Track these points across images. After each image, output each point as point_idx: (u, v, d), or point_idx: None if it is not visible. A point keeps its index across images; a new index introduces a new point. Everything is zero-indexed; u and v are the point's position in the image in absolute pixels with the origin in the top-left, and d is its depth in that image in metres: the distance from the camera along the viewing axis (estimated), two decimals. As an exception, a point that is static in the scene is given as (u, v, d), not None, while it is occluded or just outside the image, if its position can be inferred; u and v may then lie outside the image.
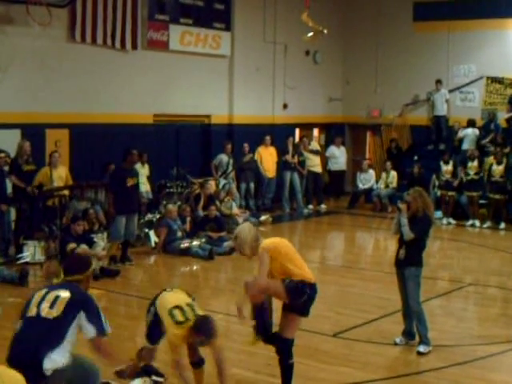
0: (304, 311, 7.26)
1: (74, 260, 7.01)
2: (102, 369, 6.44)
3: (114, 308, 11.42)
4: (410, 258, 8.77)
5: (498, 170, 18.30)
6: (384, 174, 20.84)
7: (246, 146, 19.61)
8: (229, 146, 19.15)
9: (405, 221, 8.71)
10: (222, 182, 18.56)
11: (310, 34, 17.20)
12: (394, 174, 20.69)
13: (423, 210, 8.74)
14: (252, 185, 19.76)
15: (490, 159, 18.86)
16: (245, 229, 7.37)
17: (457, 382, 7.95)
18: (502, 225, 18.11)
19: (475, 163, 18.75)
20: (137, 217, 14.24)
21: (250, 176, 19.65)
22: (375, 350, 8.94)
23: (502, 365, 8.73)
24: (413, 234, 8.68)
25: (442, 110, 21.67)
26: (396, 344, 9.04)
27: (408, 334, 9.06)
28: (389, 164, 20.87)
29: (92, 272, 6.22)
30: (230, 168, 19.06)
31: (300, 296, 7.06)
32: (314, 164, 21.17)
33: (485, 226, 18.30)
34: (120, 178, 13.68)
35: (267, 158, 20.10)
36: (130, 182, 13.70)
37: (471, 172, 18.69)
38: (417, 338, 8.94)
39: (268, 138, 20.03)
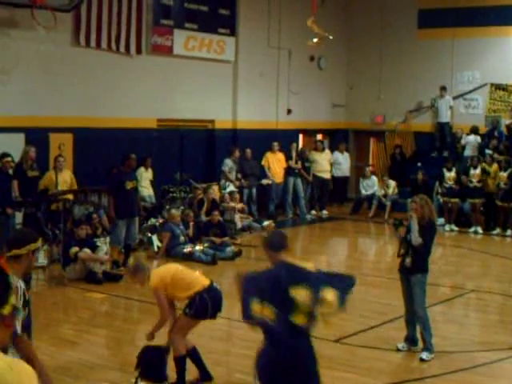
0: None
1: (16, 234, 6.10)
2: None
3: (116, 312, 11.46)
4: (416, 265, 8.77)
5: (502, 176, 18.29)
6: (382, 184, 20.76)
7: (249, 152, 19.56)
8: (236, 151, 19.07)
9: (416, 227, 8.70)
10: (229, 188, 18.49)
11: (316, 39, 17.22)
12: (392, 184, 20.64)
13: (428, 217, 8.75)
14: (254, 190, 19.73)
15: (495, 166, 18.86)
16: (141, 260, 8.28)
17: (459, 388, 7.97)
18: (509, 232, 18.10)
19: (478, 171, 18.74)
20: (137, 221, 14.26)
21: (253, 182, 19.63)
22: (378, 355, 8.93)
23: (504, 371, 8.72)
24: (421, 239, 8.68)
25: (445, 116, 21.67)
26: (398, 350, 9.03)
27: (410, 340, 9.05)
28: (386, 177, 20.82)
29: (33, 248, 5.34)
30: (234, 174, 19.04)
31: (205, 311, 7.63)
32: (323, 170, 21.12)
33: (494, 232, 18.30)
34: (119, 182, 13.73)
35: (274, 163, 20.08)
36: (130, 186, 13.74)
37: (474, 180, 18.67)
38: (419, 344, 8.93)
39: (276, 144, 19.99)
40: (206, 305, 7.58)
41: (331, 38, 17.32)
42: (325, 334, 9.63)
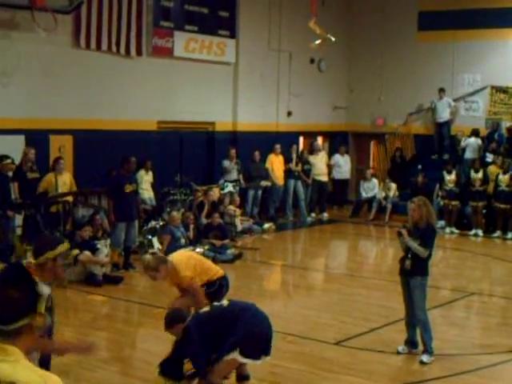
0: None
1: (36, 242, 6.19)
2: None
3: (116, 314, 11.46)
4: (416, 268, 8.73)
5: (504, 179, 18.26)
6: (384, 187, 20.75)
7: (257, 155, 19.52)
8: (233, 152, 19.05)
9: (413, 243, 8.67)
10: (227, 188, 18.47)
11: (318, 41, 17.19)
12: (393, 186, 20.62)
13: (426, 219, 8.70)
14: (260, 193, 19.67)
15: (493, 168, 18.85)
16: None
17: (459, 391, 7.95)
18: (510, 234, 18.08)
19: (479, 175, 18.70)
20: (137, 223, 14.24)
21: (252, 184, 19.52)
22: (378, 358, 8.91)
23: (505, 374, 8.71)
24: (427, 250, 8.66)
25: (443, 116, 21.57)
26: (399, 353, 9.01)
27: (411, 343, 9.04)
28: (388, 181, 20.83)
29: (51, 256, 5.43)
30: (235, 174, 18.98)
31: (218, 294, 8.55)
32: (321, 173, 21.07)
33: (494, 235, 18.29)
34: (118, 185, 13.73)
35: (278, 166, 20.03)
36: (129, 189, 13.73)
37: (476, 184, 18.62)
38: (419, 347, 8.91)
39: (278, 146, 19.93)
40: (221, 289, 8.72)
41: (334, 39, 17.28)
42: (325, 336, 9.65)
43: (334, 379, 8.18)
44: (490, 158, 19.81)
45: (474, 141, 20.52)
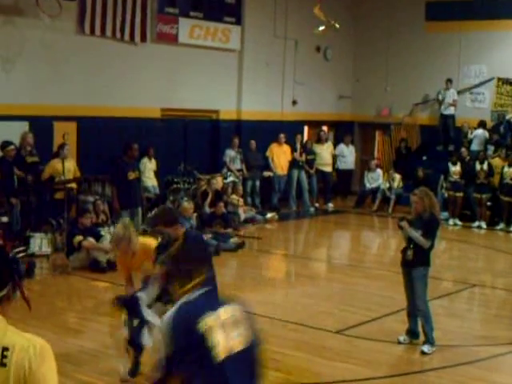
0: None
1: None
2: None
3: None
4: (418, 258, 8.72)
5: (509, 172, 18.18)
6: (388, 177, 20.68)
7: (253, 143, 19.42)
8: (236, 141, 19.00)
9: (415, 234, 8.66)
10: (230, 178, 18.43)
11: (322, 27, 17.12)
12: (397, 177, 20.54)
13: (430, 210, 8.70)
14: (258, 183, 19.63)
15: (498, 160, 18.80)
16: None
17: (459, 382, 7.93)
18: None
19: (485, 166, 18.64)
20: (140, 211, 14.24)
21: (256, 174, 19.52)
22: (378, 347, 8.91)
23: (505, 366, 8.71)
24: (429, 241, 8.65)
25: (449, 109, 21.51)
26: (399, 342, 9.01)
27: (412, 333, 9.03)
28: (392, 171, 20.75)
29: None
30: (239, 164, 18.95)
31: None
32: (325, 163, 21.01)
33: (498, 227, 18.21)
34: (122, 172, 13.75)
35: (279, 155, 19.93)
36: (132, 176, 13.77)
37: (481, 176, 18.55)
38: (421, 338, 8.91)
39: (282, 135, 19.83)
40: None
41: (338, 26, 17.19)
42: (326, 325, 9.66)
43: (334, 367, 8.19)
44: (490, 149, 19.75)
45: (481, 132, 20.41)
